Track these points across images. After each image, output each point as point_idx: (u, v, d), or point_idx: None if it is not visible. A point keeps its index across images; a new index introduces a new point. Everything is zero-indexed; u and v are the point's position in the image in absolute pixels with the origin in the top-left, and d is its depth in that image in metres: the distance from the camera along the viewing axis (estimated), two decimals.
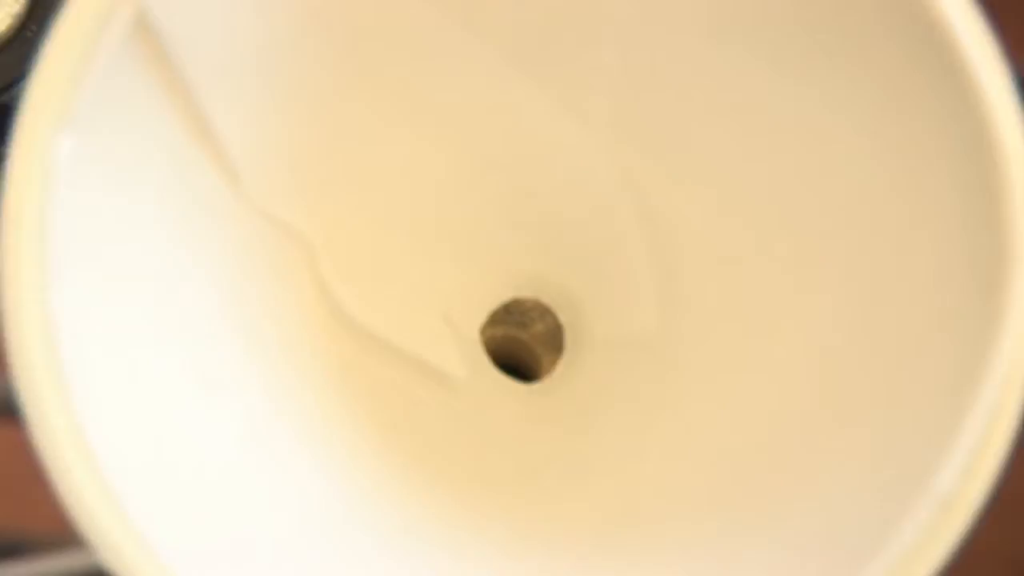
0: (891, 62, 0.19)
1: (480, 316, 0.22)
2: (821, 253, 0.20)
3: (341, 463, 0.20)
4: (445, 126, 0.21)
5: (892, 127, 0.19)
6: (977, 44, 0.18)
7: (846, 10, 0.19)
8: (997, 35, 0.18)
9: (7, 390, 0.18)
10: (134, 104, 0.18)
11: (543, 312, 0.22)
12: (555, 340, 0.22)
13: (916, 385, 0.18)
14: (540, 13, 0.20)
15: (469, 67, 0.20)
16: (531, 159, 0.21)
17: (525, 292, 0.22)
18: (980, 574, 0.44)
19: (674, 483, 0.20)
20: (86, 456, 0.17)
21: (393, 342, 0.21)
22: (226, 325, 0.20)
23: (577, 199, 0.21)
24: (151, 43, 0.18)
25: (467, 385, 0.21)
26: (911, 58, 0.18)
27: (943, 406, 0.18)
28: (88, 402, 0.17)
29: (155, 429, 0.18)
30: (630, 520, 0.20)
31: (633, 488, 0.20)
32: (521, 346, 0.22)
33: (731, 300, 0.21)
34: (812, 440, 0.19)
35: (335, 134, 0.21)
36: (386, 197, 0.21)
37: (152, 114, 0.18)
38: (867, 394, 0.19)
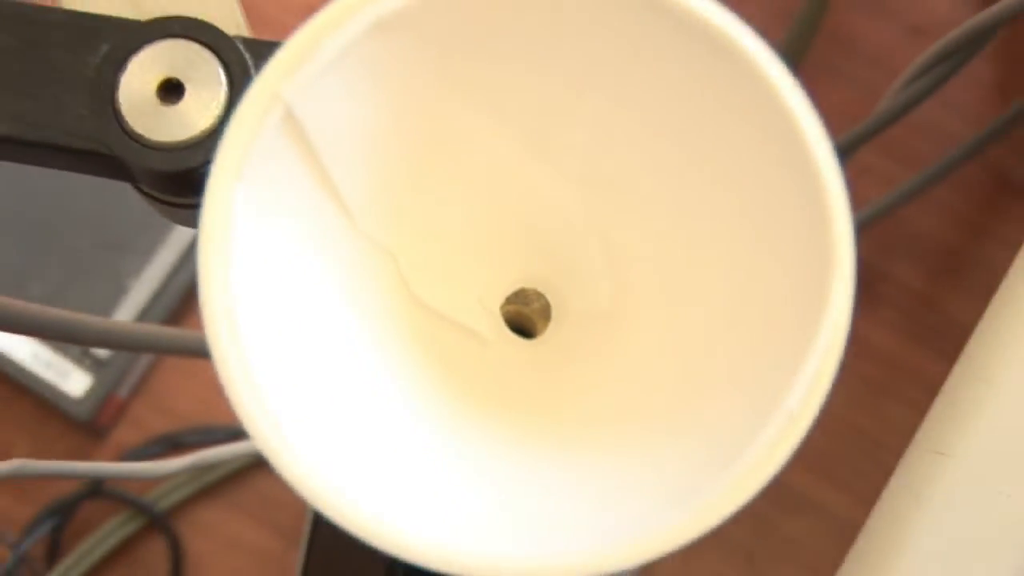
0: (756, 151, 0.22)
1: (500, 299, 0.25)
2: (716, 259, 0.23)
3: (412, 386, 0.23)
4: (476, 179, 0.24)
5: (761, 193, 0.22)
6: (814, 127, 0.21)
7: (732, 129, 0.22)
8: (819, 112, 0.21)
9: None
10: (283, 167, 0.21)
11: (538, 296, 0.25)
12: (546, 313, 0.25)
13: (776, 340, 0.22)
14: (534, 108, 0.23)
15: (493, 146, 0.24)
16: (530, 201, 0.24)
17: (527, 284, 0.25)
18: None
19: (620, 405, 0.23)
20: (250, 385, 0.20)
21: (446, 314, 0.24)
22: (343, 306, 0.23)
23: (559, 227, 0.25)
24: (295, 128, 0.21)
25: (492, 341, 0.25)
26: (771, 146, 0.22)
27: (793, 353, 0.21)
28: (252, 353, 0.20)
29: (296, 368, 0.21)
30: (593, 427, 0.23)
31: (594, 408, 0.24)
32: (525, 317, 0.25)
33: (660, 289, 0.24)
34: (710, 377, 0.23)
35: (411, 186, 0.24)
36: (442, 226, 0.24)
37: (295, 173, 0.22)
38: (746, 346, 0.22)
